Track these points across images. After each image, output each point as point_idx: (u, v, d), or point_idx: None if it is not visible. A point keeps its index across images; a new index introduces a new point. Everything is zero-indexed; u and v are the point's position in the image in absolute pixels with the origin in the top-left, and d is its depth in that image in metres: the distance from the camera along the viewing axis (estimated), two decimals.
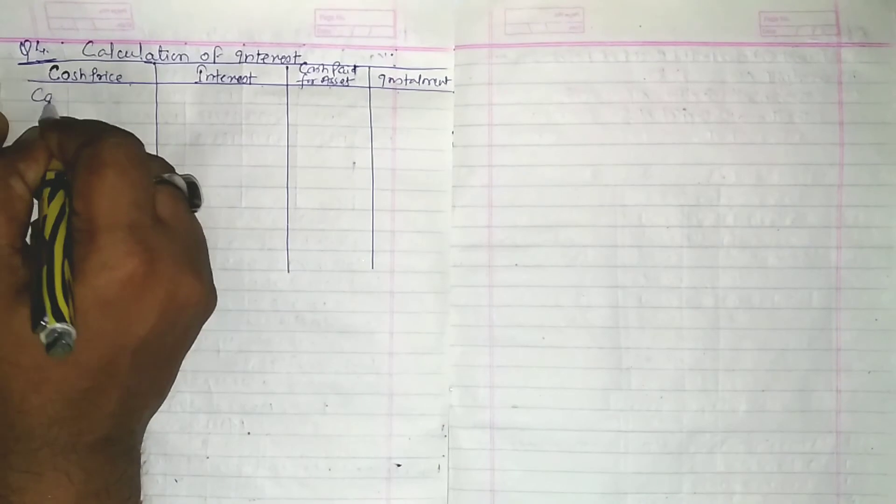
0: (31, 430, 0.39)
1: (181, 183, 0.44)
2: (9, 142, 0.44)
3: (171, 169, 0.45)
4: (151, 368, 0.42)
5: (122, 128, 0.43)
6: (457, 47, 0.50)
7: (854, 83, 0.49)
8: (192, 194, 0.44)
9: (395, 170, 0.50)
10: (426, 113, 0.50)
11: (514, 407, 0.50)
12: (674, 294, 0.49)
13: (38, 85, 0.50)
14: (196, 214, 0.44)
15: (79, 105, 0.49)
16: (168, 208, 0.42)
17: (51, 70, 0.49)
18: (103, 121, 0.46)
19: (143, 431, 0.44)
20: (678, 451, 0.49)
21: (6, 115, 0.49)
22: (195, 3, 0.50)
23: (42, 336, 0.36)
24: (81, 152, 0.40)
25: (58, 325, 0.36)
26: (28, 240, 0.41)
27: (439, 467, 0.50)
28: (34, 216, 0.41)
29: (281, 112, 0.50)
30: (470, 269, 0.50)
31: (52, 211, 0.40)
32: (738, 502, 0.49)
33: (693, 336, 0.49)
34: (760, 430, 0.49)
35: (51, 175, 0.42)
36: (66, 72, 0.50)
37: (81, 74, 0.50)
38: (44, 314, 0.36)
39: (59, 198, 0.41)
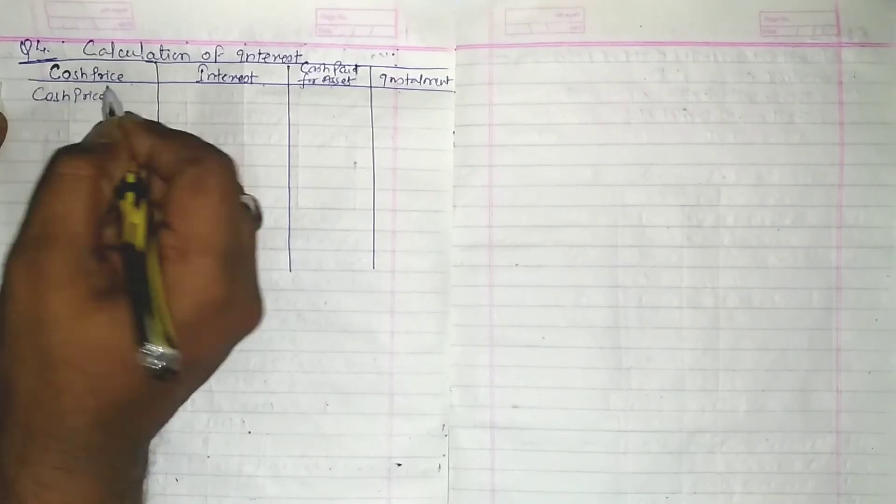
0: (76, 431, 0.39)
1: (252, 205, 0.44)
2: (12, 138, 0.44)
3: (242, 189, 0.45)
4: (196, 382, 0.44)
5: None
6: (458, 47, 0.50)
7: (854, 83, 0.50)
8: (256, 210, 0.45)
9: (396, 169, 0.50)
10: (427, 113, 0.50)
11: (515, 406, 0.50)
12: (674, 294, 0.49)
13: (38, 84, 0.50)
14: None
15: (80, 104, 0.49)
16: (247, 234, 0.42)
17: (51, 69, 0.49)
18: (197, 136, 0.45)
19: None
20: (678, 450, 0.49)
21: (7, 115, 0.49)
22: (196, 2, 0.50)
23: (152, 361, 0.37)
24: (184, 169, 0.40)
25: (170, 351, 0.37)
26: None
27: (440, 467, 0.50)
28: None
29: (282, 111, 0.50)
30: (470, 269, 0.50)
31: (141, 220, 0.40)
32: (739, 502, 0.49)
33: (693, 336, 0.49)
34: (760, 430, 0.49)
35: (131, 178, 0.41)
36: (66, 71, 0.50)
37: (82, 74, 0.50)
38: (149, 337, 0.37)
39: (144, 206, 0.41)
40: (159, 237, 0.40)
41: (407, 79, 0.50)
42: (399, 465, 0.49)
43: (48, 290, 0.38)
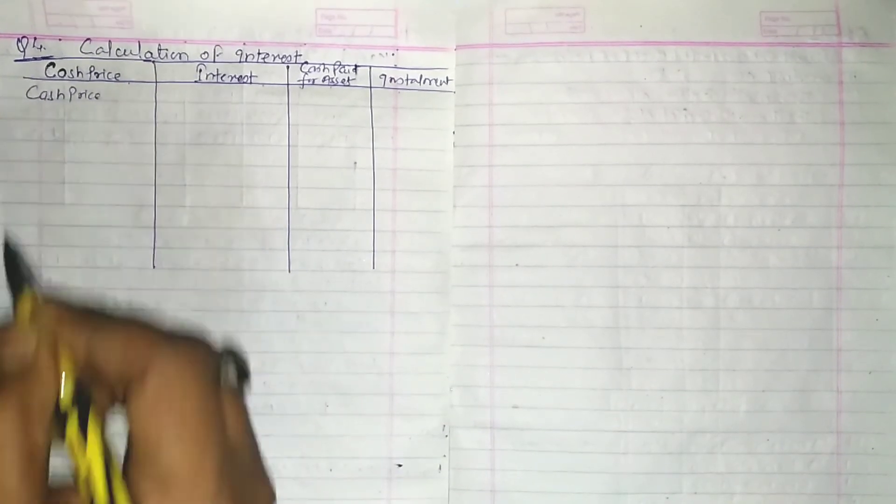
0: None
1: (231, 370, 0.35)
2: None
3: (220, 356, 0.34)
4: None
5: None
6: (458, 47, 0.50)
7: (855, 83, 0.50)
8: (240, 371, 0.37)
9: (395, 170, 0.50)
10: (427, 113, 0.50)
11: (515, 407, 0.49)
12: (674, 294, 0.49)
13: (33, 82, 0.49)
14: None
15: (76, 103, 0.49)
16: (233, 420, 0.33)
17: (47, 68, 0.49)
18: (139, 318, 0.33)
19: None
20: (678, 451, 0.49)
21: (2, 112, 0.49)
22: (195, 1, 0.49)
23: None
24: (135, 388, 0.31)
25: None
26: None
27: (440, 467, 0.50)
28: None
29: (282, 112, 0.49)
30: (471, 269, 0.50)
31: (96, 459, 0.31)
32: (739, 502, 0.49)
33: (693, 336, 0.49)
34: (761, 431, 0.49)
35: (66, 399, 0.31)
36: (62, 69, 0.49)
37: (79, 72, 0.49)
38: None
39: (97, 435, 0.31)
40: (136, 460, 0.31)
41: (407, 79, 0.50)
42: (399, 465, 0.49)
43: None
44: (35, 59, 0.49)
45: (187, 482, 0.30)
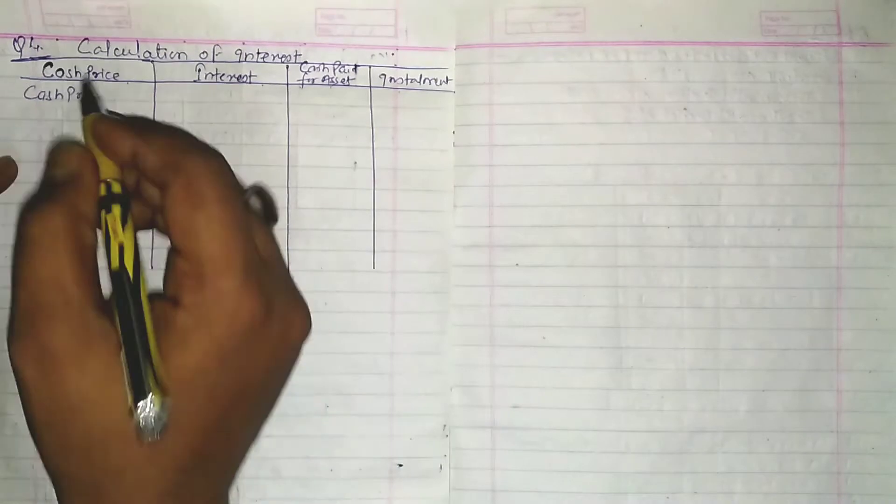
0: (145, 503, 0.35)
1: (256, 203, 0.42)
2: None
3: (243, 185, 0.41)
4: (260, 416, 0.40)
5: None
6: (458, 47, 0.50)
7: (855, 83, 0.50)
8: (267, 207, 0.42)
9: (396, 169, 0.50)
10: (427, 112, 0.50)
11: (515, 407, 0.50)
12: (674, 294, 0.49)
13: (31, 82, 0.49)
14: None
15: (74, 103, 0.49)
16: (261, 239, 0.38)
17: (45, 67, 0.49)
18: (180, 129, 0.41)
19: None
20: (679, 450, 0.49)
21: (0, 113, 0.49)
22: (194, 0, 0.49)
23: (142, 417, 0.33)
24: (172, 178, 0.36)
25: (157, 409, 0.33)
26: None
27: (441, 467, 0.50)
28: None
29: (281, 111, 0.49)
30: (471, 269, 0.50)
31: (129, 238, 0.36)
32: (739, 502, 0.49)
33: (694, 336, 0.49)
34: (761, 430, 0.49)
35: (116, 187, 0.37)
36: (60, 69, 0.49)
37: (77, 72, 0.49)
38: (144, 391, 0.33)
39: (131, 223, 0.37)
40: (171, 264, 0.36)
41: (407, 79, 0.50)
42: (400, 465, 0.49)
43: (63, 371, 0.34)
44: (32, 59, 0.49)
45: (217, 267, 0.35)
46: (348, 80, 0.50)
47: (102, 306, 0.35)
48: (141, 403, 0.33)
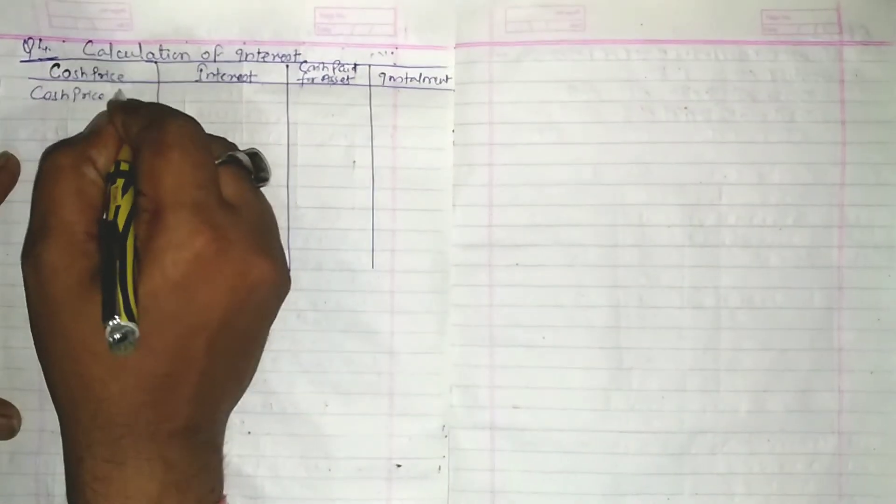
0: (113, 419, 0.39)
1: (245, 160, 0.44)
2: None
3: (233, 147, 0.45)
4: (227, 353, 0.42)
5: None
6: (457, 45, 0.50)
7: (856, 82, 0.49)
8: (257, 168, 0.45)
9: (395, 168, 0.50)
10: (426, 111, 0.50)
11: (515, 407, 0.49)
12: (675, 294, 0.49)
13: (38, 83, 0.50)
14: None
15: (79, 103, 0.49)
16: (232, 188, 0.42)
17: (52, 68, 0.49)
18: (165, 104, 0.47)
19: (225, 422, 0.45)
20: (679, 451, 0.49)
21: (4, 113, 0.49)
22: (195, 1, 0.50)
23: (109, 332, 0.37)
24: (145, 134, 0.41)
25: (127, 323, 0.37)
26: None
27: (439, 468, 0.49)
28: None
29: (281, 110, 0.50)
30: (470, 269, 0.50)
31: (126, 203, 0.40)
32: (740, 503, 0.49)
33: (694, 336, 0.49)
34: (762, 431, 0.49)
35: (125, 166, 0.42)
36: (67, 70, 0.49)
37: (83, 73, 0.50)
38: (115, 311, 0.37)
39: (131, 192, 0.41)
40: (136, 204, 0.40)
41: (406, 77, 0.50)
42: (399, 465, 0.49)
43: (49, 277, 0.39)
44: (41, 59, 0.49)
45: (169, 202, 0.39)
46: (348, 79, 0.50)
47: (95, 235, 0.41)
48: (110, 323, 0.37)
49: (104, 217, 0.41)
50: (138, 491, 0.40)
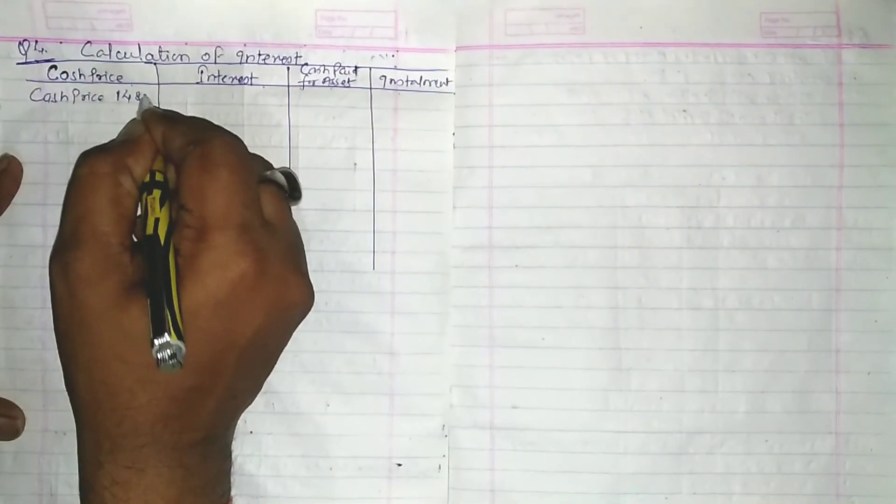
0: (138, 427, 0.40)
1: (282, 180, 0.44)
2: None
3: (270, 166, 0.45)
4: (254, 368, 0.43)
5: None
6: (457, 48, 0.50)
7: (855, 84, 0.50)
8: (291, 187, 0.45)
9: (395, 171, 0.50)
10: (427, 114, 0.50)
11: (515, 407, 0.50)
12: (673, 295, 0.50)
13: (36, 85, 0.49)
14: None
15: (79, 105, 0.49)
16: (271, 208, 0.42)
17: (49, 70, 0.49)
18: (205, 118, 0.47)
19: (235, 428, 0.45)
20: (678, 451, 0.49)
21: (4, 116, 0.49)
22: (195, 3, 0.49)
23: (158, 350, 0.37)
24: (191, 150, 0.41)
25: (176, 342, 0.38)
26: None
27: (440, 467, 0.50)
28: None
29: (282, 113, 0.50)
30: (470, 270, 0.50)
31: (164, 216, 0.41)
32: (738, 503, 0.49)
33: (693, 337, 0.49)
34: (760, 431, 0.49)
35: (160, 177, 0.42)
36: (64, 72, 0.49)
37: (80, 75, 0.49)
38: (165, 328, 0.37)
39: (168, 203, 0.42)
40: (178, 220, 0.40)
41: (407, 80, 0.50)
42: (399, 465, 0.50)
43: (81, 287, 0.39)
44: (37, 61, 0.49)
45: (215, 223, 0.39)
46: (349, 81, 0.50)
47: (128, 246, 0.41)
48: (158, 341, 0.37)
49: (144, 230, 0.41)
50: (158, 496, 0.40)
